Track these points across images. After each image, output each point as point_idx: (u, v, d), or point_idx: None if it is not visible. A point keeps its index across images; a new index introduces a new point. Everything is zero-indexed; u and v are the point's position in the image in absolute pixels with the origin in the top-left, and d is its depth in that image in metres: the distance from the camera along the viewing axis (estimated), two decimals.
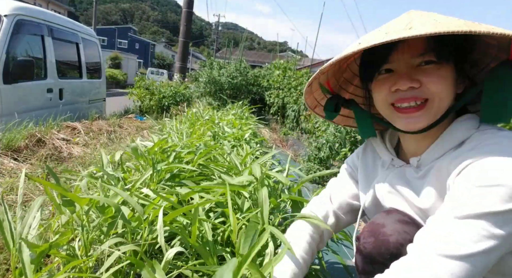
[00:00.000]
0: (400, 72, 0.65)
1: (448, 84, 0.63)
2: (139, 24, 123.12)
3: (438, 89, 0.62)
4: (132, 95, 6.74)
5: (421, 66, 0.63)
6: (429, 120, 0.65)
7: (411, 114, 0.65)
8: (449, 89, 0.64)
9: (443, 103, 0.64)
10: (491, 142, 0.58)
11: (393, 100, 0.67)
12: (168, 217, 0.77)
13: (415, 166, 0.71)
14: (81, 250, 0.74)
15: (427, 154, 0.69)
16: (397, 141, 0.84)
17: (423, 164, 0.70)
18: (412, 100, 0.64)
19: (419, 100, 0.64)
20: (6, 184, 1.52)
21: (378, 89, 0.70)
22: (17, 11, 3.20)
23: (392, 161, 0.78)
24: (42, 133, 2.53)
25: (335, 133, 3.11)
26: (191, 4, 9.14)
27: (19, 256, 0.55)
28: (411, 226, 0.68)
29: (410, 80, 0.63)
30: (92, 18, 20.43)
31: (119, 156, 1.33)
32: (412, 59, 0.64)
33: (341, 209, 0.92)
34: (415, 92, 0.63)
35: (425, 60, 0.63)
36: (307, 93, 0.84)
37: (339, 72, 0.84)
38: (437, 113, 0.65)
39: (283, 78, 7.70)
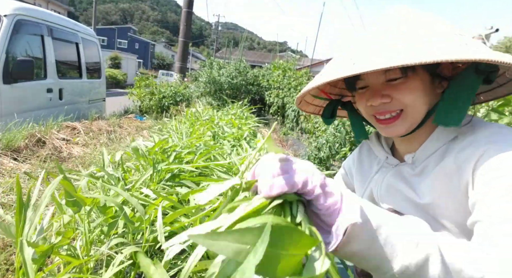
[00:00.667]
0: (373, 88, 0.68)
1: (418, 94, 0.65)
2: (139, 24, 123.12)
3: (408, 100, 0.65)
4: (132, 95, 6.74)
5: (391, 81, 0.66)
6: (407, 127, 0.68)
7: (389, 124, 0.68)
8: (421, 97, 0.65)
9: (418, 111, 0.66)
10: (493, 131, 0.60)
11: (372, 113, 0.70)
12: (169, 217, 0.78)
13: (410, 163, 0.73)
14: (82, 250, 0.74)
15: (421, 151, 0.71)
16: (392, 140, 0.85)
17: (418, 160, 0.71)
18: (387, 113, 0.67)
19: (393, 112, 0.67)
20: (6, 184, 1.53)
21: (359, 102, 0.73)
22: (17, 11, 3.21)
23: (387, 159, 0.79)
24: (42, 134, 2.53)
25: (335, 134, 3.11)
26: (191, 4, 9.15)
27: (21, 256, 0.55)
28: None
29: (381, 96, 0.66)
30: (92, 18, 20.43)
31: (119, 156, 1.33)
32: (378, 77, 0.67)
33: None
34: (387, 106, 0.66)
35: (391, 77, 0.65)
36: (304, 106, 0.87)
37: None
38: (414, 120, 0.67)
39: (283, 78, 7.70)
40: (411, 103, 0.65)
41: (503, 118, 1.38)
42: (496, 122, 1.39)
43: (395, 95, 0.65)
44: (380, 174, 0.80)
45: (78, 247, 0.75)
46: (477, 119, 0.67)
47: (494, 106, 1.44)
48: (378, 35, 0.63)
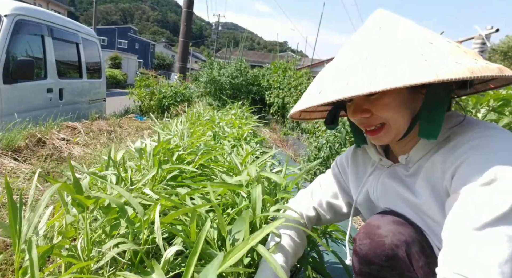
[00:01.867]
0: (355, 102, 0.71)
1: (395, 108, 0.67)
2: (139, 24, 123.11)
3: (387, 115, 0.67)
4: (132, 95, 6.74)
5: (370, 97, 0.68)
6: (392, 137, 0.70)
7: (374, 135, 0.70)
8: (400, 111, 0.67)
9: (399, 123, 0.68)
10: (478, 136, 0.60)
11: (359, 125, 0.74)
12: (167, 218, 0.78)
13: (404, 163, 0.74)
14: (83, 251, 0.74)
15: (414, 152, 0.72)
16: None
17: (412, 161, 0.72)
18: (371, 126, 0.70)
19: (375, 125, 0.69)
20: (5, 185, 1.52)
21: (348, 113, 0.76)
22: (17, 11, 3.20)
23: (381, 161, 0.81)
24: (42, 133, 2.53)
25: (335, 134, 3.11)
26: (191, 4, 9.14)
27: (28, 256, 0.55)
28: (406, 226, 0.70)
29: (361, 112, 0.69)
30: (92, 18, 20.42)
31: (120, 155, 1.33)
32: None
33: (321, 206, 0.96)
34: (369, 121, 0.69)
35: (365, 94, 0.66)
36: (306, 116, 0.90)
37: None
38: (398, 131, 0.69)
39: (283, 78, 7.70)
40: (390, 117, 0.67)
41: (503, 119, 1.38)
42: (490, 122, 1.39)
43: (374, 111, 0.68)
44: (375, 175, 0.81)
45: (79, 248, 0.75)
46: (469, 119, 0.68)
47: (494, 106, 1.44)
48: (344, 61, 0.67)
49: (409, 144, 0.74)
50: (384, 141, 0.71)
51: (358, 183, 0.88)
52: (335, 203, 0.95)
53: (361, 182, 0.86)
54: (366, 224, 0.76)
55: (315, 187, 0.99)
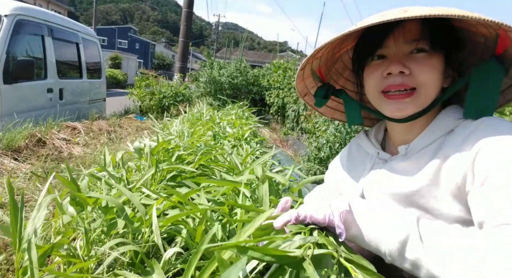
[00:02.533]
0: (393, 58, 0.66)
1: (436, 75, 0.64)
2: (139, 24, 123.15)
3: (426, 79, 0.63)
4: (132, 95, 6.74)
5: (413, 54, 0.64)
6: (416, 108, 0.66)
7: (399, 100, 0.66)
8: (437, 80, 0.65)
9: (430, 93, 0.65)
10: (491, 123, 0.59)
11: (383, 87, 0.67)
12: (170, 219, 0.78)
13: (403, 154, 0.71)
14: (82, 251, 0.74)
15: (416, 142, 0.69)
16: (383, 136, 0.84)
17: (412, 150, 0.70)
18: (401, 87, 0.65)
19: (407, 87, 0.64)
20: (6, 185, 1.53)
21: (370, 75, 0.70)
22: (17, 11, 3.21)
23: (378, 154, 0.78)
24: (42, 133, 2.53)
25: (335, 134, 3.11)
26: (191, 4, 9.15)
27: (28, 256, 0.55)
28: None
29: (402, 66, 0.64)
30: (92, 18, 20.43)
31: (120, 155, 1.33)
32: (405, 45, 0.65)
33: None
34: (404, 79, 0.64)
35: (418, 47, 0.64)
36: (299, 78, 0.83)
37: (331, 61, 0.84)
38: (424, 103, 0.66)
39: (283, 78, 7.70)
40: (428, 82, 0.64)
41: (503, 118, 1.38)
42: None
43: (415, 69, 0.63)
44: (374, 170, 0.78)
45: (78, 247, 0.75)
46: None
47: None
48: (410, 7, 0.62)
49: (415, 130, 0.71)
50: (406, 109, 0.66)
51: (356, 180, 0.83)
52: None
53: (359, 178, 0.82)
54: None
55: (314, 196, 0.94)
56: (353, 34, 0.73)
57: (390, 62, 0.65)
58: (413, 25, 0.64)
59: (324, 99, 0.83)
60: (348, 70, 0.88)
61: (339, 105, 0.92)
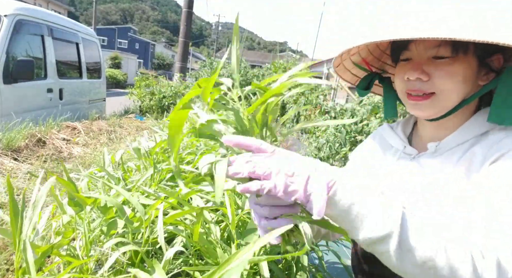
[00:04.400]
0: (415, 61, 0.65)
1: (460, 80, 0.61)
2: (139, 24, 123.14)
3: (445, 85, 0.61)
4: (132, 95, 6.74)
5: (435, 59, 0.62)
6: (435, 111, 0.64)
7: (418, 102, 0.64)
8: (460, 85, 0.62)
9: (450, 99, 0.63)
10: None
11: (405, 90, 0.67)
12: (169, 218, 0.77)
13: (432, 151, 0.68)
14: (82, 251, 0.74)
15: (447, 140, 0.67)
16: (411, 130, 0.81)
17: (442, 149, 0.67)
18: (419, 92, 0.64)
19: (426, 92, 0.63)
20: (6, 184, 1.52)
21: (397, 74, 0.69)
22: (17, 11, 3.20)
23: (405, 148, 0.75)
24: (42, 133, 2.53)
25: (335, 134, 3.11)
26: (191, 4, 9.14)
27: (24, 256, 0.55)
28: None
29: (420, 72, 0.62)
30: (92, 18, 20.43)
31: (119, 155, 1.33)
32: (427, 50, 0.63)
33: None
34: (422, 85, 0.63)
35: (439, 54, 0.61)
36: (340, 71, 0.81)
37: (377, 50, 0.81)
38: (443, 107, 0.64)
39: None
40: (447, 88, 0.61)
41: None
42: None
43: (434, 75, 0.62)
44: (398, 165, 0.74)
45: (78, 247, 0.75)
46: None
47: None
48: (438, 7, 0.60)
49: (445, 129, 0.68)
50: (423, 112, 0.65)
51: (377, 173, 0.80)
52: None
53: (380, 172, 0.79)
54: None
55: None
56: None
57: (410, 67, 0.64)
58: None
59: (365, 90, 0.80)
60: None
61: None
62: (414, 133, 0.79)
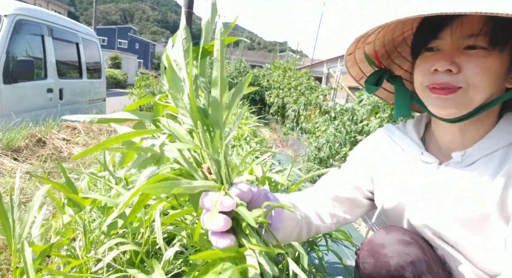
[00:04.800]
0: (443, 52, 0.59)
1: (491, 76, 0.56)
2: (139, 24, 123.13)
3: (476, 80, 0.56)
4: (132, 95, 6.74)
5: (467, 50, 0.57)
6: (459, 109, 0.59)
7: (442, 96, 0.59)
8: (490, 82, 0.56)
9: (478, 96, 0.57)
10: None
11: (428, 83, 0.61)
12: (168, 218, 0.77)
13: (459, 161, 0.62)
14: (82, 251, 0.74)
15: (475, 149, 0.61)
16: (423, 133, 0.75)
17: (469, 158, 0.61)
18: (444, 85, 0.58)
19: (452, 87, 0.58)
20: (6, 184, 1.52)
21: (419, 67, 0.64)
22: (17, 11, 3.20)
23: (422, 155, 0.68)
24: (42, 133, 2.53)
25: (335, 134, 3.11)
26: (191, 4, 9.14)
27: (21, 256, 0.55)
28: (413, 246, 0.64)
29: (450, 63, 0.57)
30: (92, 18, 20.43)
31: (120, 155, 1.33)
32: (461, 40, 0.57)
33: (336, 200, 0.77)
34: (450, 78, 0.57)
35: (475, 44, 0.56)
36: (350, 62, 0.75)
37: (390, 44, 0.76)
38: (469, 105, 0.58)
39: (283, 78, 7.70)
40: (478, 84, 0.56)
41: None
42: None
43: (466, 68, 0.56)
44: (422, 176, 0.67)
45: (78, 247, 0.75)
46: None
47: None
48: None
49: (470, 134, 0.63)
50: (446, 109, 0.59)
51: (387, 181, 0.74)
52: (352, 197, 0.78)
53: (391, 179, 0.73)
54: (369, 241, 0.70)
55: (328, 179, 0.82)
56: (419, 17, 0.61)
57: (438, 58, 0.59)
58: (472, 17, 0.56)
59: (375, 86, 0.75)
60: None
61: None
62: (427, 137, 0.74)
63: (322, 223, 0.73)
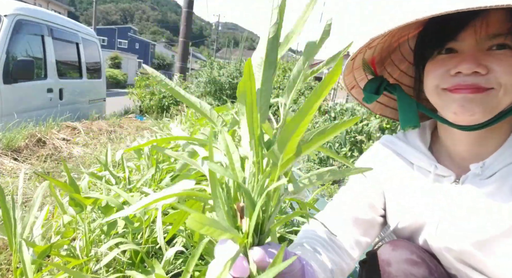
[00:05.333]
0: (465, 54, 0.54)
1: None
2: (139, 24, 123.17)
3: (508, 80, 0.52)
4: (132, 95, 6.74)
5: (493, 51, 0.53)
6: (485, 110, 0.54)
7: (467, 94, 0.53)
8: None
9: (507, 98, 0.53)
10: None
11: (449, 86, 0.55)
12: (168, 218, 0.77)
13: (478, 173, 0.58)
14: (82, 251, 0.74)
15: (495, 158, 0.57)
16: (429, 142, 0.70)
17: (489, 169, 0.57)
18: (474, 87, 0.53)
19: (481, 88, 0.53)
20: (6, 184, 1.52)
21: (434, 71, 0.58)
22: (17, 11, 3.20)
23: (436, 169, 0.63)
24: (42, 133, 2.53)
25: None
26: (191, 4, 9.14)
27: (20, 256, 0.55)
28: (420, 266, 0.60)
29: (477, 65, 0.52)
30: (92, 18, 20.44)
31: (120, 155, 1.33)
32: (485, 40, 0.53)
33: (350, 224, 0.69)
34: (478, 80, 0.52)
35: (501, 43, 0.52)
36: (348, 69, 0.70)
37: (386, 50, 0.72)
38: (495, 108, 0.54)
39: (283, 78, 7.70)
40: (510, 84, 0.52)
41: None
42: None
43: (495, 68, 0.52)
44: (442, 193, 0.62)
45: (78, 247, 0.75)
46: None
47: None
48: None
49: (490, 142, 0.59)
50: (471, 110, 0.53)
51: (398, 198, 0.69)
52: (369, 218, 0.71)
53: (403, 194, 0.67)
54: (375, 255, 0.66)
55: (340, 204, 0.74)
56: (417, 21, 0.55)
57: (461, 59, 0.54)
58: (497, 15, 0.52)
59: (375, 94, 0.69)
60: (407, 62, 0.75)
61: (392, 101, 0.80)
62: (434, 147, 0.69)
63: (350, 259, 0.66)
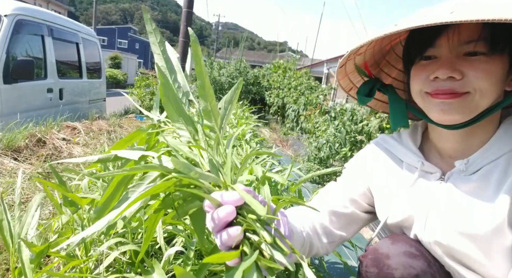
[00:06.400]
0: (442, 60, 0.58)
1: (494, 81, 0.55)
2: (139, 24, 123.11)
3: (481, 85, 0.55)
4: (132, 95, 6.75)
5: (468, 57, 0.56)
6: (464, 115, 0.57)
7: (446, 100, 0.57)
8: (494, 87, 0.56)
9: (484, 101, 0.56)
10: None
11: (430, 90, 0.59)
12: (168, 217, 0.77)
13: (462, 169, 0.60)
14: (81, 250, 0.74)
15: (479, 156, 0.59)
16: (420, 141, 0.73)
17: (473, 166, 0.60)
18: (449, 92, 0.56)
19: (457, 93, 0.56)
20: (6, 184, 1.52)
21: (416, 76, 0.62)
22: (17, 11, 3.20)
23: (423, 165, 0.66)
24: (42, 133, 2.53)
25: (335, 134, 3.11)
26: (191, 4, 9.14)
27: (19, 256, 0.55)
28: (418, 259, 0.62)
29: (452, 70, 0.55)
30: (92, 18, 20.44)
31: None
32: (459, 47, 0.56)
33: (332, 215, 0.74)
34: (454, 85, 0.56)
35: (474, 50, 0.55)
36: (341, 74, 0.74)
37: (379, 53, 0.75)
38: (474, 110, 0.57)
39: (283, 78, 7.70)
40: (484, 88, 0.55)
41: None
42: None
43: (469, 73, 0.55)
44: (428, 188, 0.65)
45: (77, 247, 0.75)
46: None
47: None
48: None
49: (473, 140, 0.61)
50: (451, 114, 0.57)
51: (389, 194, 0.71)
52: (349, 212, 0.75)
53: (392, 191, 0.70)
54: (373, 249, 0.67)
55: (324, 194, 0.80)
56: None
57: (440, 65, 0.57)
58: (468, 24, 0.55)
59: (367, 97, 0.73)
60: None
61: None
62: (425, 146, 0.72)
63: (320, 242, 0.71)
